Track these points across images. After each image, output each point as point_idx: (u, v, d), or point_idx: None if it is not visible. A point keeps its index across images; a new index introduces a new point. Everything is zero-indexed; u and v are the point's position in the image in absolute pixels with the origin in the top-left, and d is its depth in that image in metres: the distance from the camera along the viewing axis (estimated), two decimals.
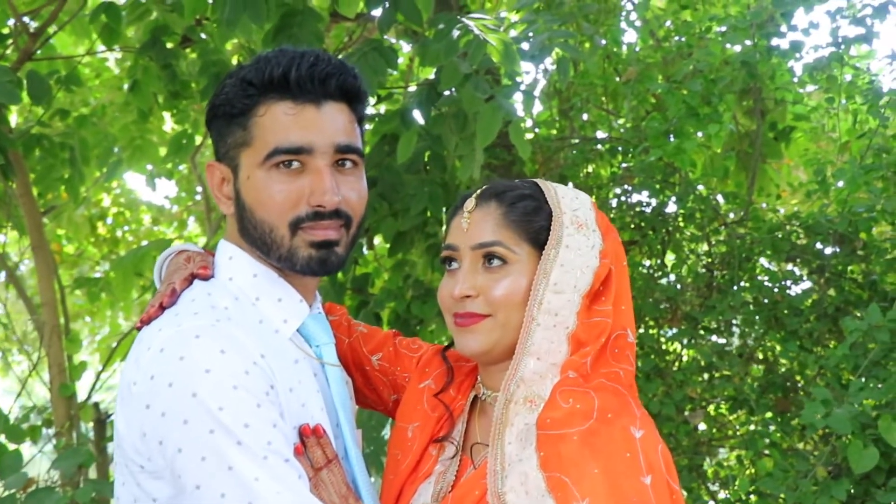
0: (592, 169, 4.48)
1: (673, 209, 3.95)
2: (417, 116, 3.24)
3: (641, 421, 1.28)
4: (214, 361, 1.24)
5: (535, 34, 3.07)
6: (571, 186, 1.51)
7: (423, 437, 1.49)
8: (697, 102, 3.51)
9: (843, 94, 3.69)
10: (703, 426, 3.64)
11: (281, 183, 1.35)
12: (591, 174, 4.45)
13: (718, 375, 3.49)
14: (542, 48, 3.02)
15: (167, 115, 4.64)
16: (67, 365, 3.90)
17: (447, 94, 3.04)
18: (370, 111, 3.77)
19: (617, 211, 4.02)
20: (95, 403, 4.38)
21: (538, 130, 4.64)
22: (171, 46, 3.62)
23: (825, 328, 3.32)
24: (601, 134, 4.78)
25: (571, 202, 1.44)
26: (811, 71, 3.67)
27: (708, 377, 3.53)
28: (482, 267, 1.40)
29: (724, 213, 3.97)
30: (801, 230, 3.54)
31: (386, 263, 4.01)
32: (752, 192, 4.07)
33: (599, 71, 4.34)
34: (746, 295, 3.43)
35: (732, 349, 3.60)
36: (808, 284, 3.57)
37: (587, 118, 4.81)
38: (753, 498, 3.13)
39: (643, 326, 3.67)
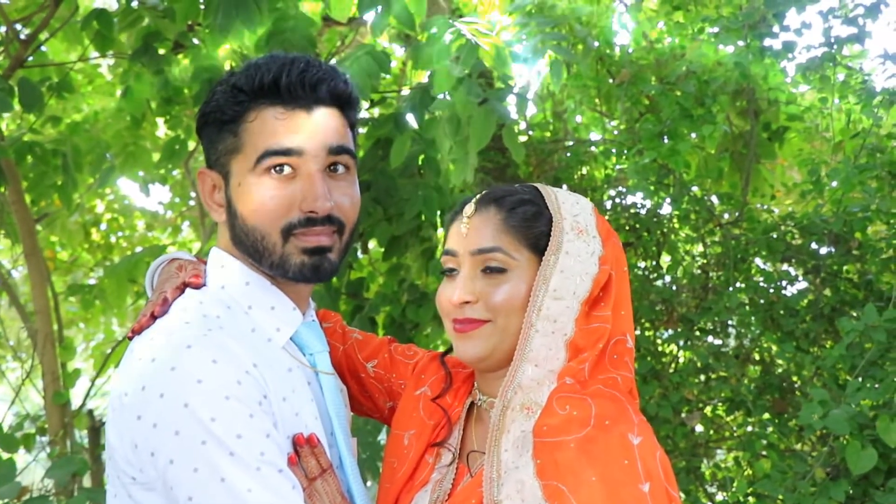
0: (587, 171, 4.47)
1: (668, 210, 3.95)
2: (411, 120, 3.24)
3: (639, 427, 1.27)
4: (206, 372, 1.23)
5: (527, 37, 3.06)
6: (566, 189, 1.50)
7: (419, 444, 1.48)
8: (691, 104, 3.52)
9: (836, 93, 3.70)
10: (700, 428, 3.63)
11: (272, 189, 1.34)
12: (585, 176, 4.45)
13: (715, 377, 3.49)
14: (534, 51, 3.01)
15: (160, 120, 4.63)
16: (61, 372, 3.88)
17: (440, 97, 3.03)
18: (364, 115, 3.76)
19: (612, 213, 4.02)
20: (90, 411, 4.35)
21: (532, 133, 4.64)
22: (163, 52, 3.60)
23: (821, 328, 3.32)
24: (595, 136, 4.78)
25: (572, 207, 1.42)
26: (804, 71, 3.67)
27: (704, 379, 3.52)
28: (481, 273, 1.38)
29: (718, 213, 3.97)
30: (796, 230, 3.54)
31: (381, 267, 4.00)
32: (746, 192, 4.07)
33: (592, 73, 4.34)
34: (742, 296, 3.43)
35: (729, 350, 3.60)
36: (803, 285, 3.58)
37: (581, 120, 4.81)
38: (751, 500, 3.12)
39: (639, 328, 3.67)
